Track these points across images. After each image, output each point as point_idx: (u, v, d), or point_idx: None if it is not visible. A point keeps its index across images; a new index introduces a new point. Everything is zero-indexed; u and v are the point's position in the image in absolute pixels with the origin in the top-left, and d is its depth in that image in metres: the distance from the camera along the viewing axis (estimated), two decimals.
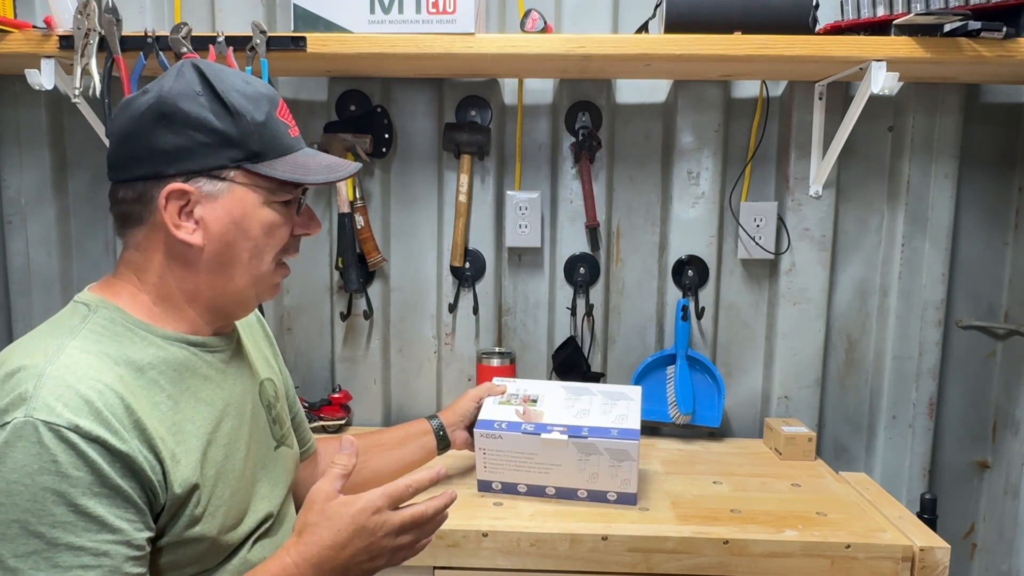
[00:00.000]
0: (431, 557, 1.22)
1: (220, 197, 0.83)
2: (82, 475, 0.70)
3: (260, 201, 0.85)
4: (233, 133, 0.82)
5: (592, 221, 1.68)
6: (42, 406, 0.70)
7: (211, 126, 0.81)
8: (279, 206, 0.87)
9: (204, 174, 0.82)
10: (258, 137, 0.83)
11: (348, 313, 1.74)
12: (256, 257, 0.87)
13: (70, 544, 0.70)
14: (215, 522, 0.83)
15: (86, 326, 0.81)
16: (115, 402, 0.74)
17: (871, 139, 1.67)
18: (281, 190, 0.86)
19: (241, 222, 0.84)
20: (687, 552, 1.21)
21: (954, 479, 1.77)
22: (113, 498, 0.72)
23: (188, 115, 0.81)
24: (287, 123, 0.88)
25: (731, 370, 1.75)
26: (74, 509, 0.70)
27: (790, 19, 1.37)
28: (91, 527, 0.71)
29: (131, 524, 0.74)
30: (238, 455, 0.89)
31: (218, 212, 0.83)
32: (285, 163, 0.85)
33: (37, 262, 1.75)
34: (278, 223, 0.87)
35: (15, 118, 1.71)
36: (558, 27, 1.65)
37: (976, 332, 1.74)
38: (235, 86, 0.84)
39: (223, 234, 0.84)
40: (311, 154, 0.90)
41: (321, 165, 0.88)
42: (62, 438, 0.70)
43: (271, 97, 0.87)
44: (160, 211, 0.81)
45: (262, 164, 0.84)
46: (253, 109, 0.83)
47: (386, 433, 1.33)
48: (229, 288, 0.87)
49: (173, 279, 0.86)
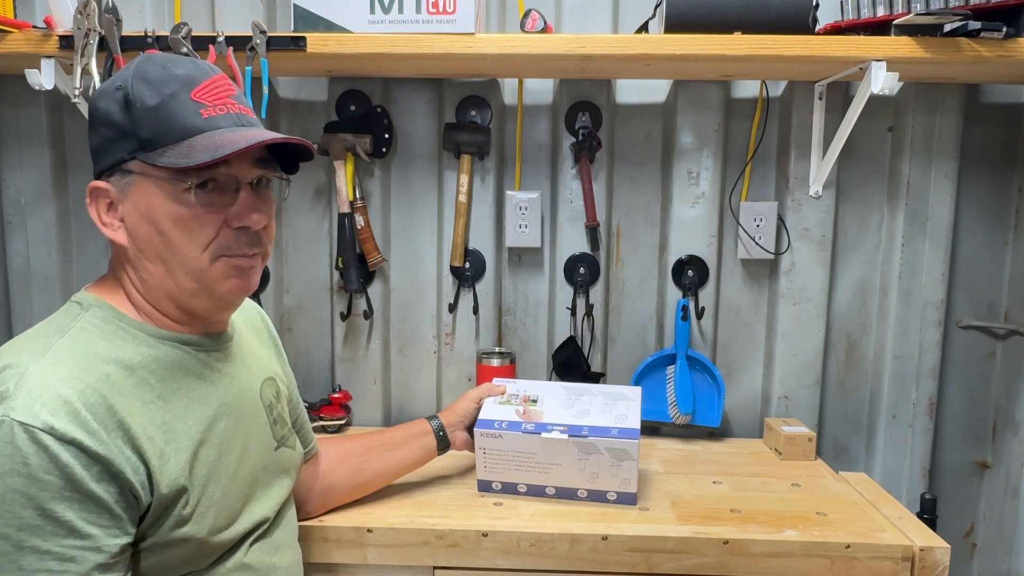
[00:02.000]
0: (431, 557, 1.22)
1: (129, 192, 0.81)
2: (52, 479, 0.69)
3: (164, 193, 0.79)
4: (126, 123, 0.79)
5: (592, 221, 1.68)
6: (20, 406, 0.70)
7: (112, 119, 0.80)
8: (188, 196, 0.79)
9: (117, 170, 0.81)
10: (147, 123, 0.78)
11: (348, 313, 1.74)
12: (178, 253, 0.81)
13: (36, 547, 0.69)
14: (204, 523, 0.82)
15: (76, 324, 0.81)
16: (96, 402, 0.74)
17: (871, 139, 1.67)
18: (177, 178, 0.79)
19: (149, 216, 0.80)
20: (687, 552, 1.21)
21: (954, 479, 1.77)
22: (84, 503, 0.71)
23: (99, 112, 0.81)
24: (202, 103, 0.80)
25: (731, 370, 1.75)
26: (42, 513, 0.69)
27: (790, 19, 1.37)
28: (59, 531, 0.70)
29: (103, 530, 0.72)
30: (232, 455, 0.88)
31: (130, 207, 0.81)
32: (177, 148, 0.78)
33: (37, 262, 1.75)
34: (187, 216, 0.80)
35: (15, 118, 1.71)
36: (558, 27, 1.65)
37: (976, 332, 1.74)
38: (147, 73, 0.80)
39: (137, 230, 0.81)
40: (223, 133, 0.80)
41: (214, 144, 0.78)
42: (35, 440, 0.69)
43: (186, 78, 0.80)
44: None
45: (152, 152, 0.79)
46: (148, 95, 0.78)
47: (386, 434, 1.33)
48: (172, 285, 0.83)
49: (131, 277, 0.85)
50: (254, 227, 0.84)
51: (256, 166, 0.85)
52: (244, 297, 0.91)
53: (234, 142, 0.78)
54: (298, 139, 0.85)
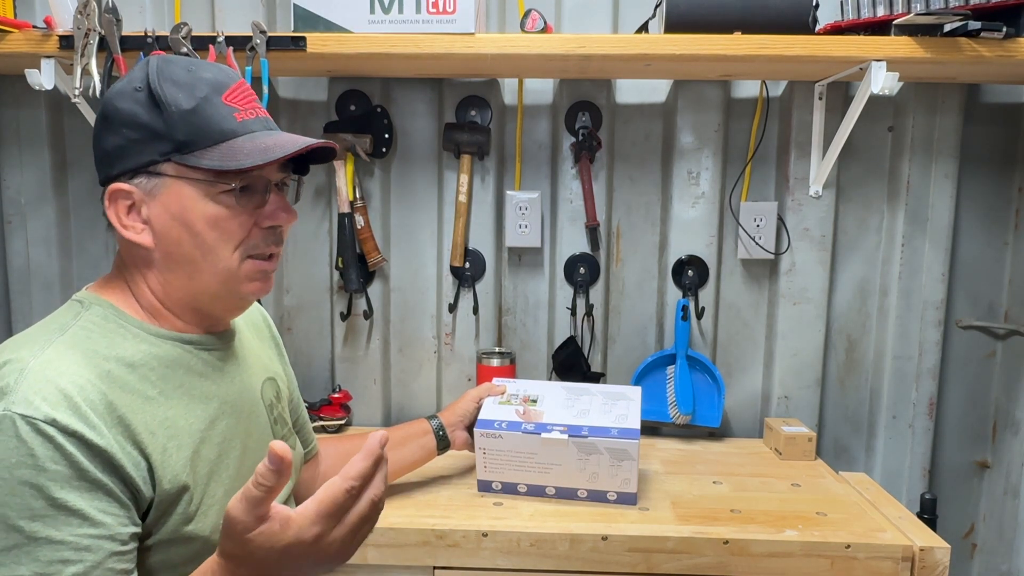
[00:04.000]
0: (431, 557, 1.22)
1: (159, 194, 0.81)
2: (60, 468, 0.70)
3: (199, 194, 0.80)
4: (159, 125, 0.79)
5: (592, 221, 1.68)
6: (20, 400, 0.70)
7: (139, 121, 0.80)
8: (227, 197, 0.81)
9: (142, 172, 0.81)
10: (184, 126, 0.79)
11: (348, 313, 1.74)
12: (210, 253, 0.82)
13: (50, 538, 0.69)
14: (207, 521, 0.82)
15: (77, 323, 0.81)
16: (96, 398, 0.74)
17: (871, 139, 1.67)
18: (219, 180, 0.80)
19: (181, 217, 0.81)
20: (687, 552, 1.21)
21: (954, 479, 1.77)
22: (94, 491, 0.72)
23: (121, 113, 0.81)
24: (235, 107, 0.82)
25: (731, 370, 1.75)
26: (52, 503, 0.69)
27: (790, 19, 1.37)
28: (71, 521, 0.70)
29: (115, 519, 0.73)
30: (233, 454, 0.88)
31: (158, 209, 0.81)
32: (218, 151, 0.80)
33: (37, 262, 1.75)
34: (224, 216, 0.81)
35: (15, 118, 1.71)
36: (558, 27, 1.65)
37: (976, 332, 1.74)
38: (173, 76, 0.80)
39: (167, 232, 0.82)
40: (260, 137, 0.82)
41: (258, 148, 0.80)
42: (39, 431, 0.69)
43: (214, 82, 0.82)
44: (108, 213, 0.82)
45: (191, 155, 0.79)
46: (182, 98, 0.79)
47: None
48: (196, 287, 0.84)
49: (147, 280, 0.85)
50: (285, 225, 0.87)
51: (281, 171, 0.87)
52: (261, 298, 0.92)
53: (281, 146, 0.80)
54: (331, 143, 0.87)
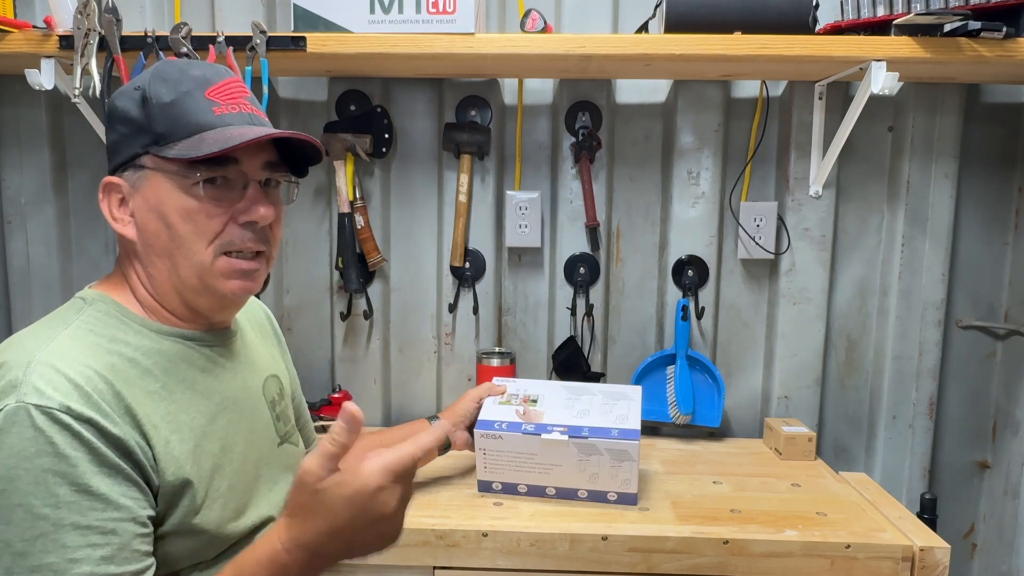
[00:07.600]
0: (431, 557, 1.22)
1: (141, 187, 0.83)
2: (79, 454, 0.70)
3: (174, 186, 0.81)
4: (142, 119, 0.82)
5: (592, 221, 1.68)
6: (32, 391, 0.71)
7: (128, 116, 0.82)
8: (200, 190, 0.81)
9: (130, 165, 0.83)
10: (163, 119, 0.81)
11: (348, 313, 1.74)
12: (183, 247, 0.82)
13: (76, 524, 0.69)
14: (212, 515, 0.83)
15: (80, 318, 0.82)
16: (104, 387, 0.75)
17: (871, 139, 1.67)
18: (189, 171, 0.81)
19: (158, 209, 0.82)
20: (687, 552, 1.21)
21: (954, 479, 1.77)
22: (114, 476, 0.72)
23: (118, 110, 0.84)
24: (216, 101, 0.82)
25: (731, 370, 1.75)
26: (76, 488, 0.70)
27: (790, 19, 1.37)
28: (96, 505, 0.71)
29: (135, 501, 0.74)
30: (236, 449, 0.89)
31: (139, 201, 0.83)
32: (188, 141, 0.80)
33: (37, 262, 1.75)
34: (194, 209, 0.81)
35: (15, 118, 1.71)
36: (558, 27, 1.65)
37: (976, 332, 1.74)
38: (164, 73, 0.83)
39: (146, 224, 0.83)
40: (232, 129, 0.82)
41: (223, 137, 0.80)
42: (55, 419, 0.70)
43: (201, 78, 0.83)
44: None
45: (165, 147, 0.81)
46: (164, 92, 0.81)
47: (387, 433, 1.33)
48: (177, 281, 0.84)
49: (137, 274, 0.86)
50: (261, 222, 0.85)
51: (266, 168, 0.87)
52: (247, 297, 0.91)
53: (242, 135, 0.80)
54: (306, 136, 0.86)
